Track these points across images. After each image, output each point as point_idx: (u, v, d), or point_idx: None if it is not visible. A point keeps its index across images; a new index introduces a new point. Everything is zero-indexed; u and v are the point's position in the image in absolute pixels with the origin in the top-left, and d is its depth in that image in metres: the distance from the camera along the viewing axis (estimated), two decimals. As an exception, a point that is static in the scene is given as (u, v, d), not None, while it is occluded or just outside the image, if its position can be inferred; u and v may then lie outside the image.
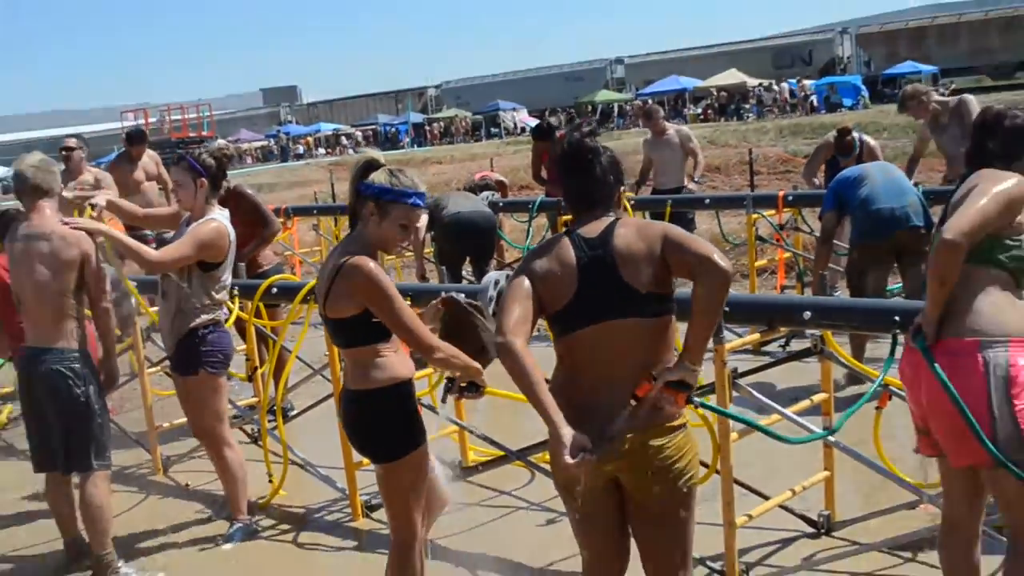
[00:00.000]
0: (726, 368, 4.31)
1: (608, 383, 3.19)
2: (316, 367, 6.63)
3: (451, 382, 4.04)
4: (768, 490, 4.90)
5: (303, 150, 60.85)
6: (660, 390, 3.15)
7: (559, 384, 3.24)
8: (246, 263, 7.19)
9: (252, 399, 7.04)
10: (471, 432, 5.85)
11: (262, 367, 6.51)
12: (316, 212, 13.90)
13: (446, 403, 4.48)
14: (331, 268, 3.82)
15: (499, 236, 10.35)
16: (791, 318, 4.70)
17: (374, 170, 3.84)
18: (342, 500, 5.92)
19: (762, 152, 21.81)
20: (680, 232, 3.27)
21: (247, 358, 6.74)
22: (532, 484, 5.83)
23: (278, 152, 61.56)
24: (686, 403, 3.24)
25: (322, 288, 3.87)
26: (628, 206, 9.34)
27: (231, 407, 6.31)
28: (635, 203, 9.91)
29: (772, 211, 9.14)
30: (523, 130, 50.66)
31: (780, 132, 30.66)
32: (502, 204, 11.03)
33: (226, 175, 5.69)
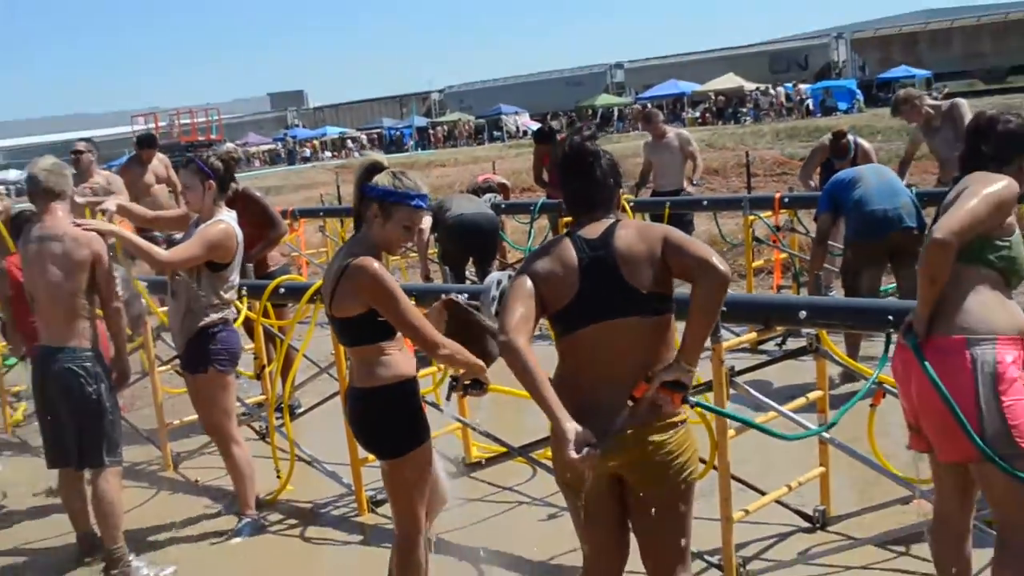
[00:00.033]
0: (723, 366, 4.31)
1: (609, 381, 3.19)
2: (322, 365, 6.63)
3: (455, 380, 4.04)
4: (764, 486, 4.90)
5: (309, 153, 60.89)
6: (656, 390, 3.15)
7: (560, 382, 3.24)
8: (254, 264, 7.20)
9: (260, 397, 7.03)
10: (474, 429, 5.86)
11: (270, 365, 6.51)
12: (322, 214, 13.90)
13: (450, 400, 4.48)
14: (337, 269, 3.83)
15: (501, 237, 10.34)
16: (787, 317, 4.70)
17: (378, 173, 3.84)
18: (348, 496, 5.92)
19: (759, 155, 21.79)
20: (680, 235, 3.27)
21: (255, 357, 6.74)
22: (534, 480, 5.83)
23: (285, 155, 61.61)
24: (682, 403, 3.23)
25: (328, 288, 3.88)
26: (628, 208, 9.34)
27: (239, 405, 6.31)
28: (634, 205, 9.91)
29: (769, 213, 9.14)
30: (525, 134, 50.61)
31: (777, 135, 30.63)
32: (504, 206, 11.03)
33: (234, 178, 5.70)
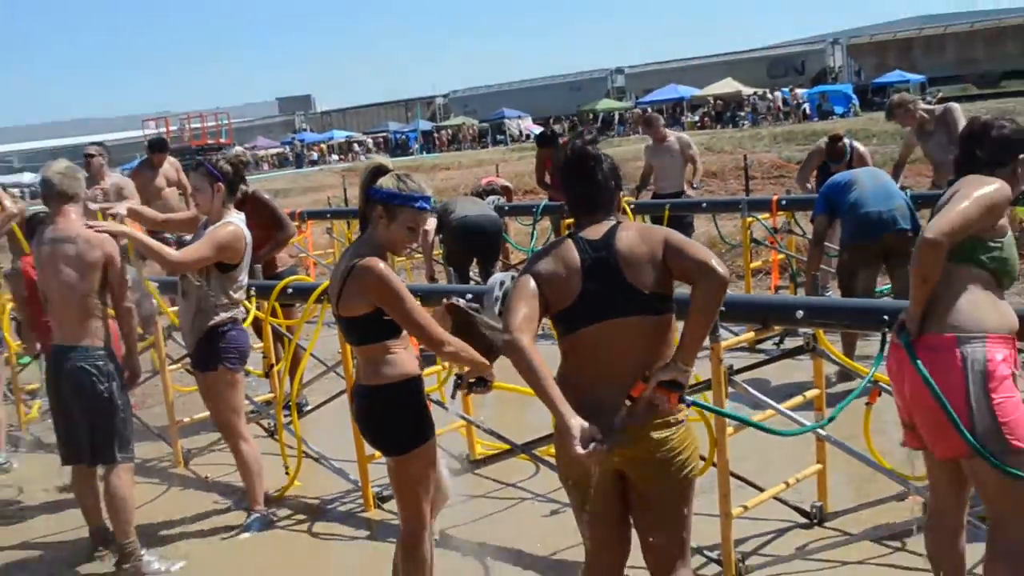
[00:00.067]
0: (722, 365, 4.31)
1: (611, 380, 3.18)
2: (330, 364, 6.62)
3: (460, 378, 4.05)
4: (763, 482, 4.89)
5: (317, 157, 60.95)
6: (653, 390, 3.15)
7: (563, 381, 3.23)
8: (263, 265, 7.20)
9: (268, 395, 7.04)
10: (478, 426, 5.86)
11: (278, 364, 6.52)
12: (329, 216, 13.91)
13: (455, 398, 4.48)
14: (343, 269, 3.83)
15: (504, 239, 10.35)
16: (785, 317, 4.69)
17: (382, 175, 3.85)
18: (355, 491, 5.92)
19: (757, 158, 21.82)
20: (680, 238, 3.27)
21: (264, 356, 6.75)
22: (537, 476, 5.83)
23: (293, 159, 61.65)
24: (679, 402, 3.22)
25: (335, 288, 3.88)
26: (628, 210, 9.33)
27: (248, 402, 6.31)
28: (635, 207, 9.91)
29: (766, 214, 9.13)
30: (528, 137, 50.65)
31: (774, 139, 30.62)
32: (507, 208, 11.03)
33: (243, 180, 5.70)
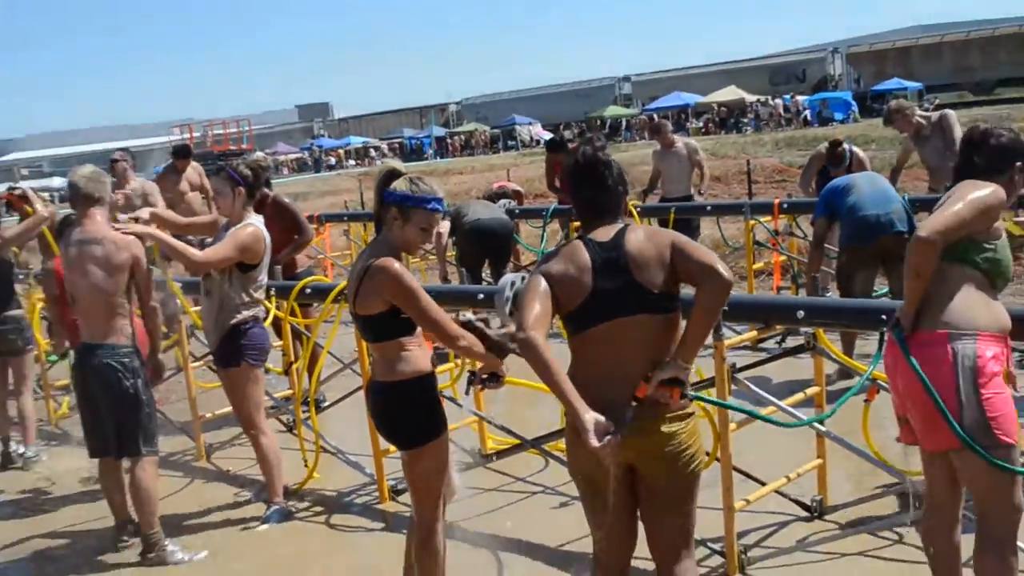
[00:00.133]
0: (725, 363, 4.31)
1: (620, 377, 3.18)
2: (346, 362, 6.63)
3: (473, 374, 4.04)
4: (764, 477, 4.88)
5: (335, 162, 61.02)
6: (656, 388, 3.15)
7: (573, 379, 3.22)
8: (282, 266, 7.21)
9: (287, 391, 7.05)
10: (490, 422, 5.86)
11: (297, 362, 6.53)
12: (346, 219, 13.94)
13: (469, 394, 4.48)
14: (360, 269, 3.84)
15: (516, 241, 10.35)
16: (786, 317, 4.69)
17: (396, 179, 3.86)
18: (370, 484, 5.93)
19: (759, 163, 21.73)
20: (686, 241, 3.27)
21: (283, 353, 6.76)
22: (546, 470, 5.82)
23: (312, 163, 61.74)
24: (681, 398, 3.22)
25: (352, 288, 3.89)
26: (635, 213, 9.32)
27: (268, 399, 6.32)
28: (641, 210, 9.89)
29: (769, 217, 9.11)
30: (538, 143, 50.59)
31: (776, 144, 30.53)
32: (518, 211, 11.02)
33: (262, 184, 5.71)
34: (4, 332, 7.04)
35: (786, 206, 9.09)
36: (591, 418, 2.96)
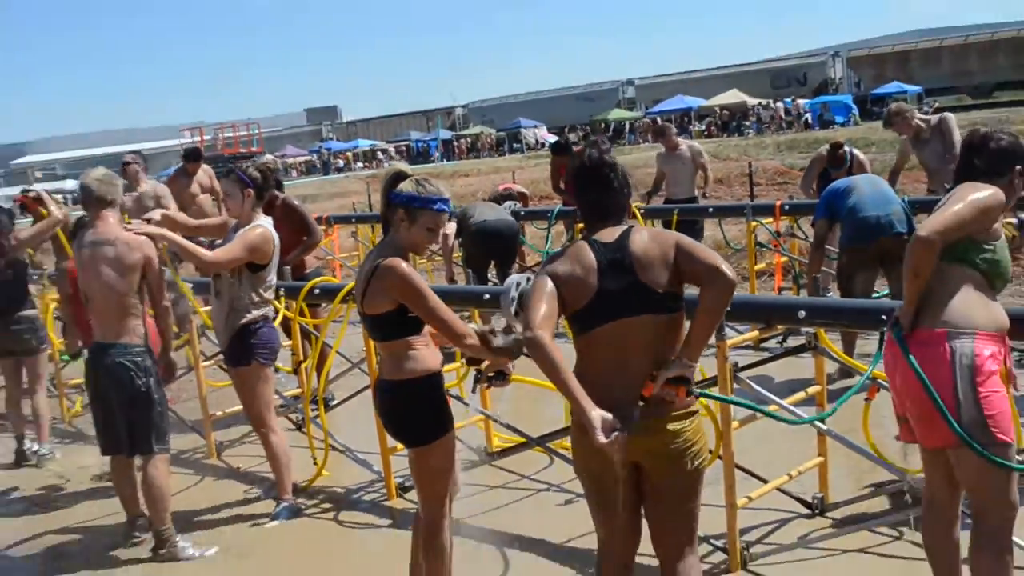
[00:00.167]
0: (728, 362, 4.30)
1: (625, 376, 3.19)
2: (354, 361, 6.64)
3: (479, 373, 4.04)
4: (766, 474, 4.88)
5: (343, 164, 61.07)
6: (662, 387, 3.15)
7: (579, 378, 3.22)
8: (291, 267, 7.21)
9: (296, 390, 7.06)
10: (496, 420, 5.86)
11: (305, 361, 6.53)
12: (354, 220, 13.97)
13: (475, 392, 4.48)
14: (368, 270, 3.84)
15: (521, 242, 10.35)
16: (787, 317, 4.69)
17: (402, 181, 3.86)
18: (378, 482, 5.93)
19: (761, 165, 21.73)
20: (691, 242, 3.27)
21: (292, 353, 6.76)
22: (551, 468, 5.82)
23: (320, 166, 61.80)
24: (687, 395, 3.23)
25: (360, 288, 3.89)
26: (638, 215, 9.32)
27: (278, 397, 6.33)
28: (644, 212, 9.89)
29: (770, 219, 9.10)
30: (543, 145, 50.59)
31: (778, 147, 30.54)
32: (524, 213, 11.02)
33: (271, 186, 5.72)
34: (18, 332, 7.05)
35: (787, 208, 9.09)
36: (598, 415, 2.96)
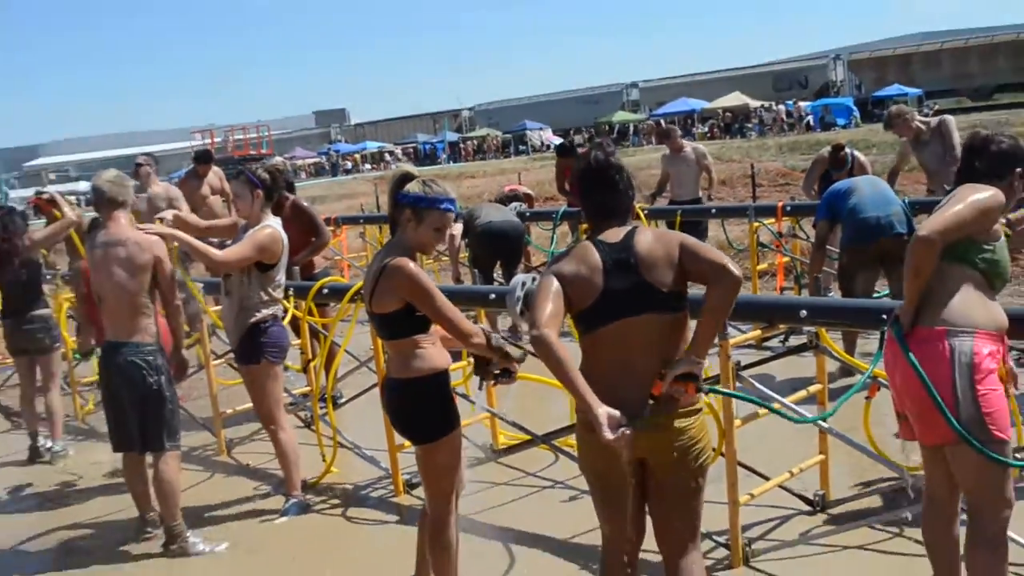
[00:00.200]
0: (730, 361, 4.30)
1: (630, 375, 3.18)
2: (362, 359, 6.65)
3: (487, 369, 4.04)
4: (768, 472, 4.87)
5: (351, 166, 61.13)
6: (671, 384, 3.15)
7: (585, 377, 3.23)
8: (300, 267, 7.22)
9: (305, 388, 7.06)
10: (501, 418, 5.86)
11: (314, 360, 6.54)
12: (362, 221, 13.97)
13: (481, 390, 4.48)
14: (376, 269, 3.85)
15: (526, 242, 10.35)
16: (789, 316, 4.68)
17: (409, 182, 3.87)
18: (386, 479, 5.93)
19: (763, 166, 21.73)
20: (695, 241, 3.28)
21: (301, 351, 6.77)
22: (556, 465, 5.82)
23: (329, 168, 61.88)
24: (696, 392, 3.23)
25: (368, 287, 3.89)
26: (642, 216, 9.31)
27: (287, 395, 6.33)
28: (648, 213, 9.88)
29: (772, 220, 9.10)
30: (548, 147, 50.58)
31: (780, 148, 30.50)
32: (529, 214, 11.02)
33: (280, 188, 5.73)
34: (32, 331, 7.08)
35: (789, 209, 9.08)
36: (604, 412, 2.96)
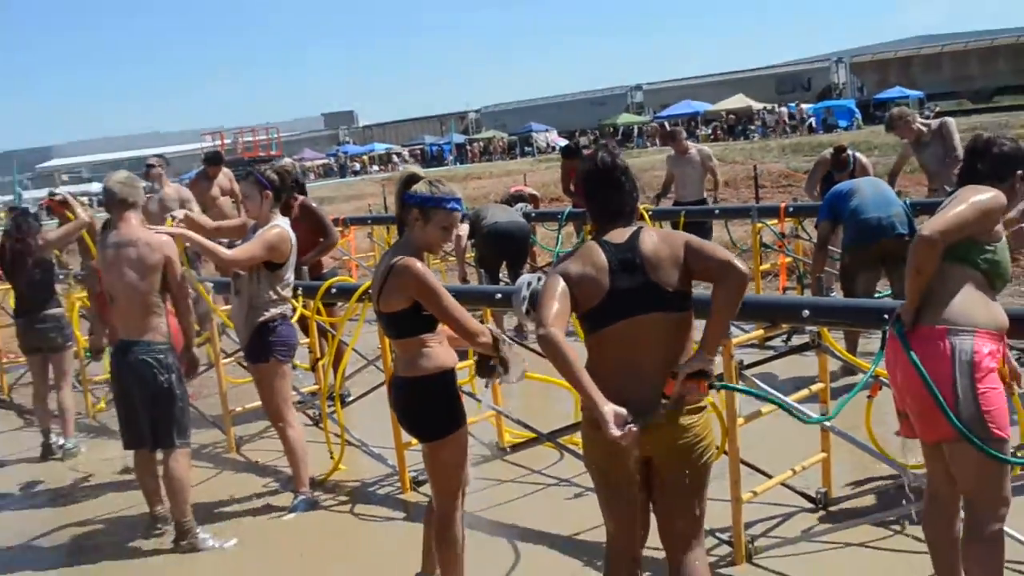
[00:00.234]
0: (733, 360, 4.29)
1: (636, 374, 3.18)
2: (370, 358, 6.64)
3: (493, 366, 4.04)
4: (771, 470, 4.86)
5: (359, 167, 61.18)
6: (683, 382, 3.14)
7: (590, 376, 3.22)
8: (309, 267, 7.23)
9: (314, 387, 7.07)
10: (507, 416, 5.85)
11: (322, 358, 6.54)
12: (370, 222, 13.96)
13: (488, 389, 4.48)
14: (383, 269, 3.85)
15: (532, 243, 10.35)
16: (792, 316, 4.67)
17: (415, 182, 3.87)
18: (393, 476, 5.93)
19: (766, 168, 21.67)
20: (700, 241, 3.27)
21: (310, 350, 6.77)
22: (561, 462, 5.82)
23: (337, 169, 61.93)
24: (708, 388, 3.22)
25: (376, 286, 3.90)
26: (646, 216, 9.31)
27: (295, 393, 6.33)
28: (652, 213, 9.87)
29: (775, 220, 9.09)
30: (553, 149, 50.62)
31: (782, 150, 30.41)
32: (535, 215, 11.02)
33: (289, 188, 5.74)
34: (45, 330, 7.09)
35: (792, 210, 9.08)
36: (610, 409, 2.96)
